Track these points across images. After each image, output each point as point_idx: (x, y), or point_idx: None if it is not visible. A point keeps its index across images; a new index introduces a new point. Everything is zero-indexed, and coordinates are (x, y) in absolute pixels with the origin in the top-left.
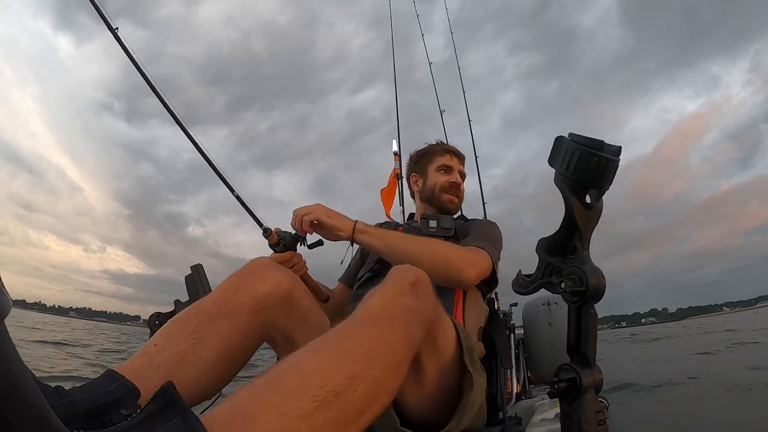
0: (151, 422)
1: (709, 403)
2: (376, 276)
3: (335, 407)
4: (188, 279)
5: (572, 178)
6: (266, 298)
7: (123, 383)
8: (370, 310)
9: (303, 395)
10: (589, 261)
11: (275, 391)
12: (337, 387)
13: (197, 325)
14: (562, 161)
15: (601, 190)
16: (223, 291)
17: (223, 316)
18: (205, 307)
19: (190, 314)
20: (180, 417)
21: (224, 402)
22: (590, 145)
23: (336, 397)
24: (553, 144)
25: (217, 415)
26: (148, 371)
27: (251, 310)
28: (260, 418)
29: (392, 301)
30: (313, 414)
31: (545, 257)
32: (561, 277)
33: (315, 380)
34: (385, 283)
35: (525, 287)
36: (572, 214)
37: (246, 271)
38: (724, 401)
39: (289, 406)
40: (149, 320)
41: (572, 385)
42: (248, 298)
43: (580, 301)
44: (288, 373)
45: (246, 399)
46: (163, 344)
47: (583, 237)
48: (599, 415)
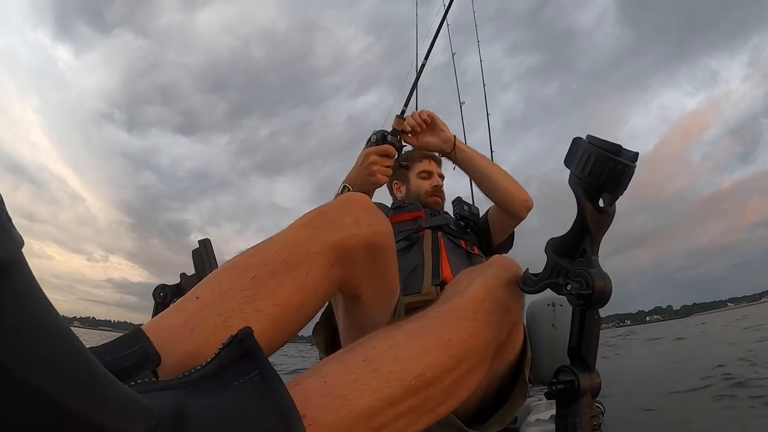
0: (225, 373)
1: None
2: (412, 244)
3: (421, 396)
4: (195, 253)
5: (587, 180)
6: (350, 249)
7: (143, 346)
8: (470, 302)
9: (399, 381)
10: (597, 265)
11: (373, 374)
12: (431, 378)
13: (254, 278)
14: (578, 163)
15: (615, 195)
16: (295, 234)
17: (288, 268)
18: (269, 253)
19: (249, 262)
20: (259, 372)
21: (315, 376)
22: (607, 148)
23: (426, 387)
24: (570, 145)
25: (311, 390)
26: (180, 332)
27: (326, 263)
28: (354, 400)
29: (492, 295)
30: (402, 400)
31: (553, 257)
32: (568, 278)
33: (413, 368)
34: (486, 272)
35: (531, 286)
36: (584, 216)
37: (332, 208)
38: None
39: (385, 392)
40: (154, 292)
41: (570, 387)
42: (326, 247)
43: (585, 305)
44: (387, 357)
45: (341, 377)
46: (206, 298)
47: (593, 240)
48: (595, 419)
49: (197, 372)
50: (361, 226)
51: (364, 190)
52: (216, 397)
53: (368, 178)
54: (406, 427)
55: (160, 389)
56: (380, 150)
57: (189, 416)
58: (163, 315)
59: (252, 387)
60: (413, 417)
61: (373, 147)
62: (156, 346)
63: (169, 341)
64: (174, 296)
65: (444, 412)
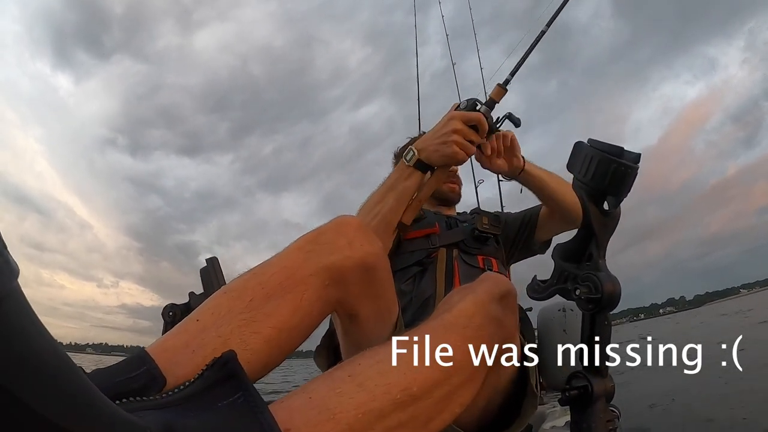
0: (209, 394)
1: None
2: (425, 271)
3: (410, 411)
4: (203, 272)
5: (590, 184)
6: (344, 271)
7: (149, 368)
8: (459, 317)
9: (385, 395)
10: (604, 268)
11: (358, 388)
12: (417, 392)
13: (251, 301)
14: (580, 167)
15: (620, 198)
16: (291, 257)
17: (284, 291)
18: (265, 277)
19: (247, 285)
20: (243, 394)
21: (300, 391)
22: (609, 151)
23: (414, 401)
24: (572, 149)
25: (295, 404)
26: (182, 355)
27: (321, 285)
28: (339, 414)
29: (483, 311)
30: (389, 415)
31: (560, 263)
32: (576, 283)
33: (399, 382)
34: (477, 289)
35: (540, 293)
36: (589, 220)
37: (326, 231)
38: None
39: (370, 406)
40: (163, 312)
41: (583, 393)
42: (321, 269)
43: (595, 309)
44: (372, 371)
45: (326, 392)
46: (206, 321)
47: (599, 244)
48: (610, 424)
49: (181, 392)
50: (353, 248)
51: (433, 160)
52: (202, 417)
53: (441, 146)
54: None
55: (146, 408)
56: (468, 117)
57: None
58: (166, 337)
59: (236, 408)
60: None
61: (461, 111)
62: (160, 367)
63: (173, 363)
64: (183, 315)
65: (437, 428)
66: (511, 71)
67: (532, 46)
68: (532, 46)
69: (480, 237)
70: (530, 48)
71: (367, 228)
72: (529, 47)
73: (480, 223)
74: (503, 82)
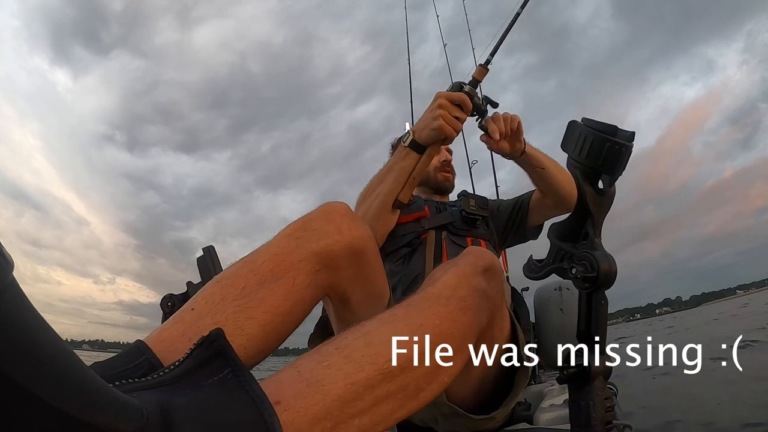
0: (198, 372)
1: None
2: (414, 251)
3: (398, 381)
4: (200, 261)
5: (585, 163)
6: (333, 255)
7: (148, 358)
8: (443, 289)
9: (371, 365)
10: (600, 247)
11: (345, 360)
12: (404, 362)
13: (244, 288)
14: (574, 146)
15: (614, 176)
16: (281, 244)
17: (276, 277)
18: (256, 264)
19: (239, 273)
20: (231, 369)
21: (289, 366)
22: (603, 130)
23: (401, 371)
24: (566, 128)
25: (284, 378)
26: (179, 343)
27: (311, 270)
28: (328, 385)
29: (466, 282)
30: (378, 385)
31: (557, 243)
32: (572, 262)
33: (384, 352)
34: (459, 262)
35: (536, 272)
36: (585, 199)
37: (314, 218)
38: None
39: (358, 376)
40: (162, 302)
41: (581, 371)
42: (310, 255)
43: (591, 287)
44: (359, 343)
45: (314, 365)
46: (201, 309)
47: (595, 223)
48: (608, 401)
49: (171, 371)
50: (342, 232)
51: (424, 137)
52: (193, 394)
53: (431, 122)
54: (389, 414)
55: (140, 389)
56: (452, 96)
57: (173, 413)
58: (162, 327)
59: (226, 383)
60: (394, 403)
61: (447, 92)
62: (159, 356)
63: (171, 351)
64: (182, 304)
65: (426, 399)
66: (491, 51)
67: (509, 28)
68: (508, 28)
69: (468, 219)
70: (507, 29)
71: (354, 214)
72: (505, 29)
73: (467, 205)
74: (484, 62)
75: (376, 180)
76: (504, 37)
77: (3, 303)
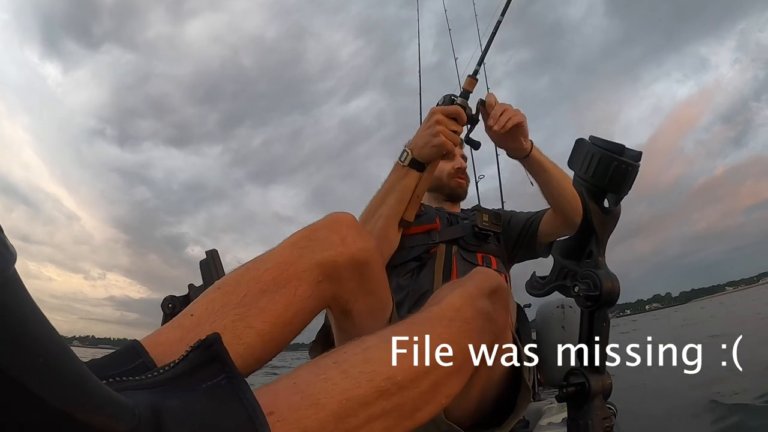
0: (192, 375)
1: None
2: (423, 266)
3: (394, 399)
4: (203, 264)
5: (591, 181)
6: (337, 267)
7: (144, 361)
8: (447, 310)
9: (368, 382)
10: (604, 266)
11: (342, 375)
12: (402, 381)
13: (245, 296)
14: (581, 164)
15: (620, 195)
16: (284, 253)
17: (278, 286)
18: (259, 272)
19: (241, 280)
20: (226, 375)
21: (286, 377)
22: (610, 149)
23: (398, 390)
24: (573, 146)
25: (281, 389)
26: (176, 348)
27: (314, 280)
28: (323, 400)
29: (471, 304)
30: (373, 403)
31: (560, 260)
32: (575, 280)
33: (383, 370)
34: (466, 283)
35: (539, 289)
36: (589, 217)
37: (319, 228)
38: None
39: (354, 392)
40: (163, 304)
41: (581, 390)
42: (314, 265)
43: (594, 306)
44: (357, 359)
45: (311, 377)
46: (200, 316)
47: (599, 242)
48: (606, 421)
49: (166, 372)
50: (346, 244)
51: (425, 155)
52: (186, 397)
53: (431, 139)
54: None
55: (133, 388)
56: (448, 110)
57: (165, 416)
58: (161, 330)
59: (220, 389)
60: (388, 421)
61: (440, 107)
62: (155, 360)
63: (167, 355)
64: (182, 307)
65: (422, 419)
66: (477, 61)
67: (491, 38)
68: (491, 38)
69: (480, 234)
70: (490, 39)
71: (360, 225)
72: (488, 38)
73: (480, 220)
74: (472, 72)
75: (377, 201)
76: (488, 46)
77: (5, 294)
